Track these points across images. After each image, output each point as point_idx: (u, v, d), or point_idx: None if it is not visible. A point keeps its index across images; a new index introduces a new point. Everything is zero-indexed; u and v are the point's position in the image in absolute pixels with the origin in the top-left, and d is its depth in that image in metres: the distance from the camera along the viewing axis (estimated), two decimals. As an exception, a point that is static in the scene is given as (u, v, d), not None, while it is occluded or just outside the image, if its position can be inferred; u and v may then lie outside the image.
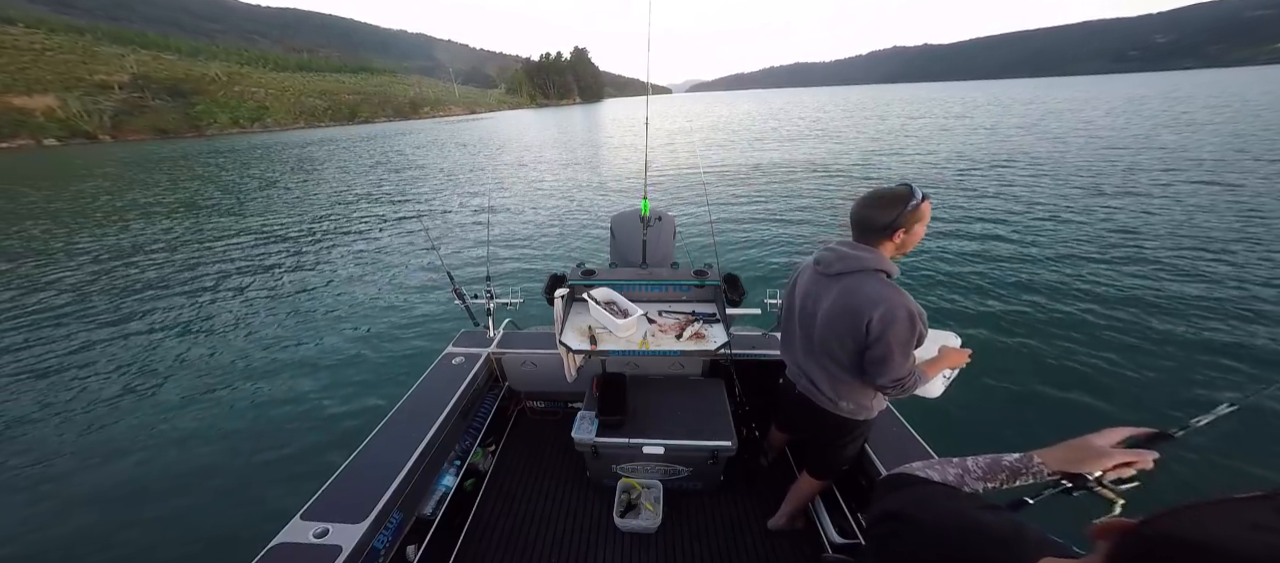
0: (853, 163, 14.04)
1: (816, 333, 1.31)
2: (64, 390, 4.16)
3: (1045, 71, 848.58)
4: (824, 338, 1.29)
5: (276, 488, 2.91)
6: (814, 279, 1.33)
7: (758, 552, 1.81)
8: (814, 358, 1.38)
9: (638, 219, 2.63)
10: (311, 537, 1.27)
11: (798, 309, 1.41)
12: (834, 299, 1.23)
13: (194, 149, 42.95)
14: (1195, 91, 41.76)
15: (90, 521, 2.80)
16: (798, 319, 1.42)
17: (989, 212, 8.10)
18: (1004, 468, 0.77)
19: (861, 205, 1.20)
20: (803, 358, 1.44)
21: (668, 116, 53.15)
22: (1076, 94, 49.40)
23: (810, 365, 1.41)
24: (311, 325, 5.26)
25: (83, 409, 3.87)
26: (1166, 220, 7.06)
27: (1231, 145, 13.16)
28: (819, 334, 1.30)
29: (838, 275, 1.24)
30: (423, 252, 7.63)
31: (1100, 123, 20.61)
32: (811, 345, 1.37)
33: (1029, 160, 12.60)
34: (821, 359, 1.34)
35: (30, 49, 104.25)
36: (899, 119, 29.17)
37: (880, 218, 1.16)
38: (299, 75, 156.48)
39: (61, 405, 3.94)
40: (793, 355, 1.52)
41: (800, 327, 1.42)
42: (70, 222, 11.76)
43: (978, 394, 3.39)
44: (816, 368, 1.38)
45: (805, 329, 1.39)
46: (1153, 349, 3.88)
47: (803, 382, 1.48)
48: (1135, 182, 9.53)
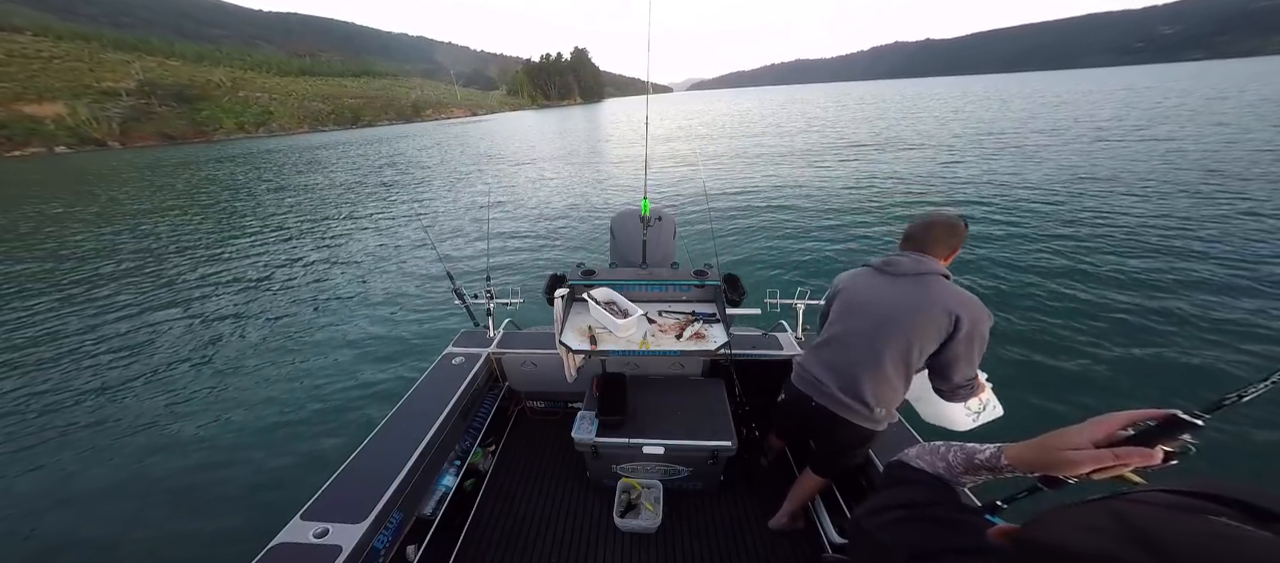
0: (853, 163, 13.96)
1: (879, 330, 1.31)
2: (64, 390, 4.20)
3: (1049, 65, 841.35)
4: (890, 335, 1.29)
5: (276, 488, 2.93)
6: (880, 281, 1.36)
7: (758, 552, 1.80)
8: (865, 359, 1.34)
9: (638, 219, 2.62)
10: (311, 537, 1.27)
11: (856, 310, 1.39)
12: (912, 295, 1.27)
13: (202, 154, 43.33)
14: (1195, 85, 41.27)
15: (90, 521, 2.82)
16: (853, 321, 1.39)
17: (993, 195, 8.05)
18: (977, 465, 0.70)
19: (932, 227, 1.32)
20: (846, 362, 1.38)
21: (668, 115, 53.13)
22: (1085, 86, 48.93)
23: (856, 369, 1.36)
24: (311, 326, 5.29)
25: (83, 409, 3.91)
26: (1184, 206, 6.99)
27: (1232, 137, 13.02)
28: (883, 331, 1.30)
29: (915, 276, 1.29)
30: (423, 252, 7.66)
31: (1132, 117, 20.36)
32: (866, 346, 1.33)
33: (1033, 149, 12.52)
34: (877, 359, 1.31)
35: (38, 56, 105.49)
36: (897, 115, 29.01)
37: (949, 240, 1.32)
38: (302, 79, 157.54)
39: (62, 406, 3.98)
40: (824, 363, 1.46)
41: (854, 329, 1.38)
42: (76, 225, 11.89)
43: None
44: (865, 370, 1.34)
45: (862, 330, 1.36)
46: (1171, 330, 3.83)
47: (827, 390, 1.43)
48: (1140, 168, 9.45)
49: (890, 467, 0.78)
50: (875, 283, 1.37)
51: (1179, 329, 3.86)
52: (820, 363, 1.48)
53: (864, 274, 1.43)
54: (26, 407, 4.01)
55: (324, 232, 9.75)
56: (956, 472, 0.72)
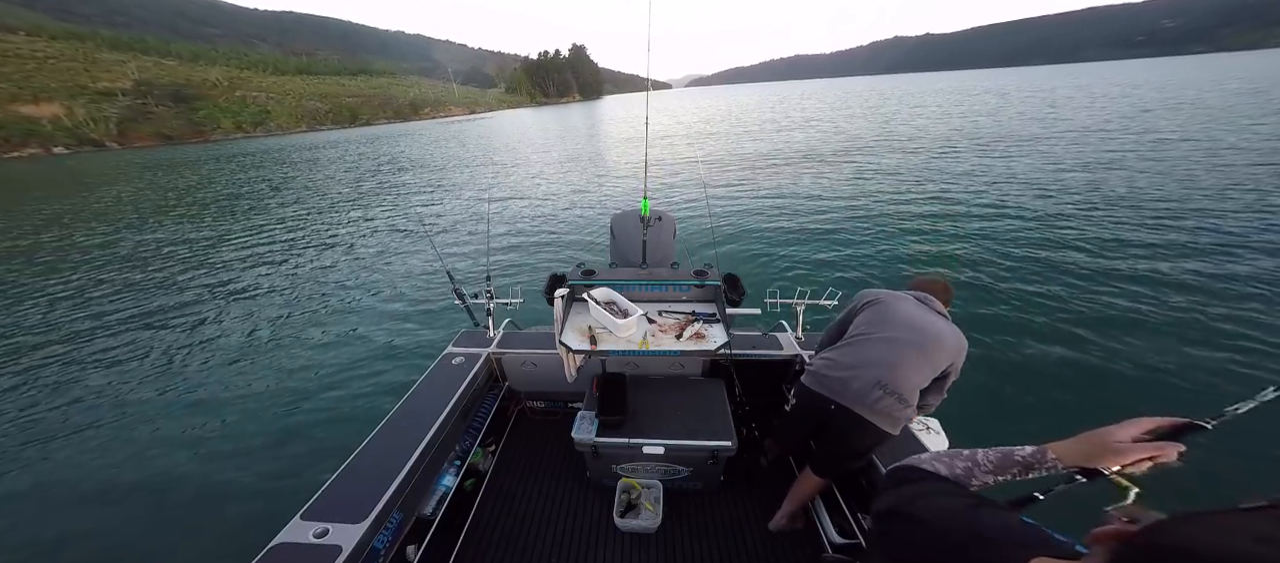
0: (852, 164, 13.93)
1: (924, 344, 1.49)
2: (64, 389, 4.20)
3: (1050, 59, 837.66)
4: (929, 350, 1.48)
5: (276, 488, 2.93)
6: (917, 307, 1.58)
7: (758, 552, 1.81)
8: (908, 363, 1.47)
9: (638, 219, 2.62)
10: (311, 537, 1.28)
11: (899, 323, 1.54)
12: (943, 328, 1.52)
13: (200, 154, 43.23)
14: (1198, 76, 41.13)
15: (91, 520, 2.82)
16: (896, 331, 1.52)
17: (983, 197, 8.03)
18: (1016, 462, 0.75)
19: (937, 288, 1.66)
20: (886, 364, 1.47)
21: (667, 111, 52.93)
22: (1087, 80, 48.78)
23: (898, 372, 1.46)
24: (311, 326, 5.29)
25: (82, 409, 3.91)
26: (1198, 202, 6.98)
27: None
28: (926, 346, 1.49)
29: (941, 314, 1.57)
30: (423, 252, 7.65)
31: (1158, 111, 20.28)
32: (911, 354, 1.48)
33: (1033, 143, 12.48)
34: (918, 366, 1.48)
35: (33, 57, 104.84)
36: (898, 112, 28.92)
37: (946, 296, 1.65)
38: (299, 79, 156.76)
39: (62, 404, 3.98)
40: (851, 367, 1.51)
41: (897, 339, 1.50)
42: (71, 225, 11.86)
43: (983, 386, 3.37)
44: (905, 374, 1.47)
45: (907, 340, 1.50)
46: (1181, 334, 3.81)
47: (854, 391, 1.47)
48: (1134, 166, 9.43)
49: (898, 470, 0.77)
50: (913, 308, 1.57)
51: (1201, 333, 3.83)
52: (845, 367, 1.52)
53: (901, 296, 1.63)
54: (26, 406, 4.01)
55: (323, 232, 9.73)
56: (983, 471, 0.76)
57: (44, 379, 4.48)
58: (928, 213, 7.96)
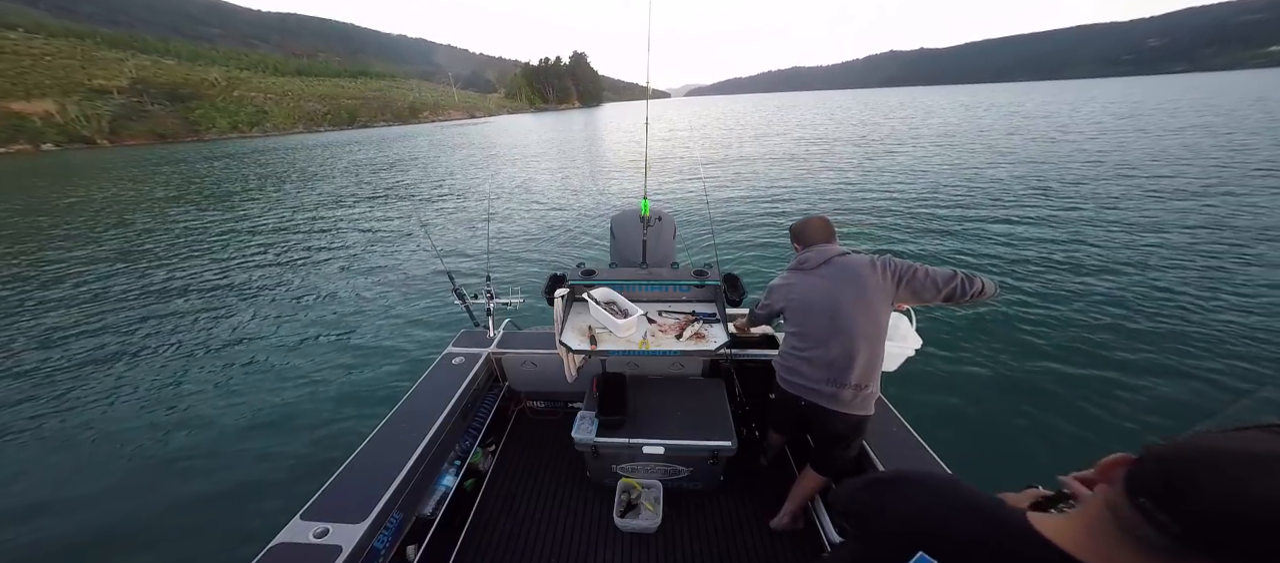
0: (853, 165, 14.10)
1: (850, 314, 1.41)
2: (63, 392, 4.13)
3: (1039, 75, 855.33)
4: (860, 310, 1.40)
5: (276, 488, 2.90)
6: (813, 280, 1.50)
7: (758, 552, 1.80)
8: (844, 347, 1.42)
9: (638, 219, 2.63)
10: (311, 537, 1.27)
11: (811, 310, 1.49)
12: (845, 276, 1.43)
13: (192, 153, 42.95)
14: (1180, 94, 42.11)
15: (91, 520, 2.78)
16: (815, 319, 1.48)
17: (977, 206, 8.15)
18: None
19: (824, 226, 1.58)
20: (827, 357, 1.45)
21: (665, 119, 53.34)
22: (1072, 97, 49.77)
23: (838, 359, 1.43)
24: (312, 326, 5.24)
25: (81, 410, 3.85)
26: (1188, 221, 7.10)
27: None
28: (852, 311, 1.41)
29: (831, 260, 1.48)
30: (423, 252, 7.63)
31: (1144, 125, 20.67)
32: (840, 336, 1.42)
33: (1023, 158, 12.69)
34: (852, 340, 1.41)
35: (29, 54, 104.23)
36: (890, 122, 29.34)
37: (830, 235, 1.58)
38: (298, 80, 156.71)
39: (61, 406, 3.92)
40: (805, 364, 1.51)
41: (820, 326, 1.46)
42: (65, 225, 11.72)
43: (980, 387, 3.40)
44: (846, 357, 1.41)
45: (824, 325, 1.45)
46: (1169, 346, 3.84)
47: (814, 388, 1.49)
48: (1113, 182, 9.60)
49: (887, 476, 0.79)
50: (811, 284, 1.51)
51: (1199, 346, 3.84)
52: (801, 365, 1.54)
53: (794, 278, 1.57)
54: (24, 407, 3.94)
55: (323, 232, 9.68)
56: None
57: (42, 379, 4.40)
58: (928, 213, 8.06)
